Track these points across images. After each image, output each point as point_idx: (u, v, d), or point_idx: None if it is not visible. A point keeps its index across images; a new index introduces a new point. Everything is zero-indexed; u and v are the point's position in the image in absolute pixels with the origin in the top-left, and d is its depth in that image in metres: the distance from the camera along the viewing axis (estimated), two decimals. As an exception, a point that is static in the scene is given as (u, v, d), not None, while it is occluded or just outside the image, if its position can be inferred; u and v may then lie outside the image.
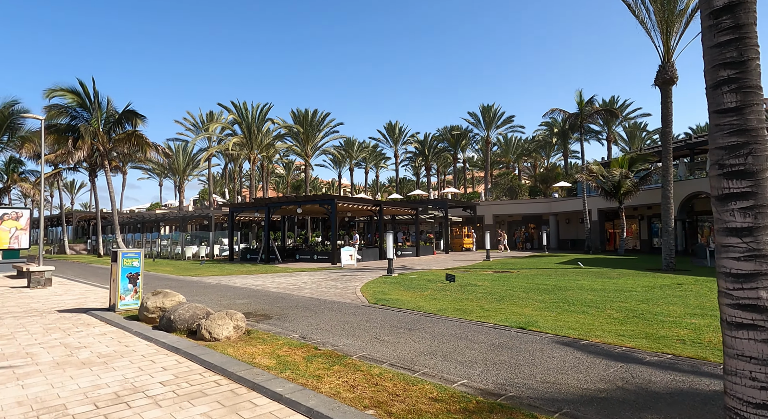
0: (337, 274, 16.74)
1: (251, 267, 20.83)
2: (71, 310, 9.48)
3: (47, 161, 29.31)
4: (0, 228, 19.93)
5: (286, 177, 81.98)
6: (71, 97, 25.78)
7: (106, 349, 6.14)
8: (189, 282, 14.93)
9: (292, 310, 9.05)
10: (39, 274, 13.60)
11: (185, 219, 35.34)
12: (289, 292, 11.90)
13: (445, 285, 12.25)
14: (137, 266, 9.33)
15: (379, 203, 25.92)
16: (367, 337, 6.56)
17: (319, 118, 41.17)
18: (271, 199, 25.55)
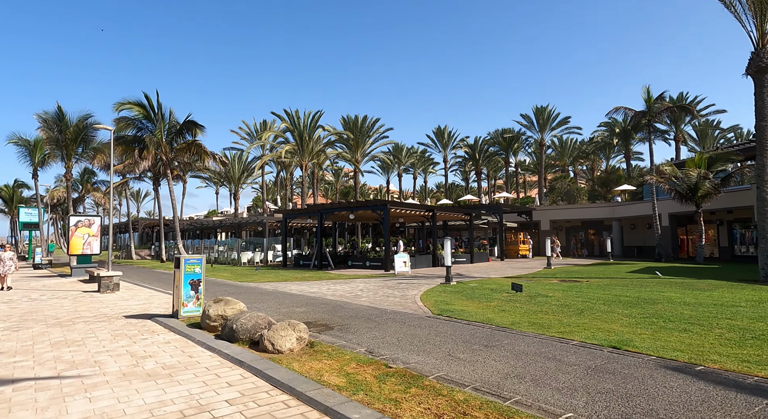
0: (392, 282, 16.26)
1: (305, 274, 20.81)
2: (137, 316, 9.58)
3: (116, 171, 31.09)
4: (75, 235, 21.14)
5: (335, 183, 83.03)
6: (137, 110, 27.20)
7: (171, 360, 5.96)
8: (247, 289, 14.98)
9: (353, 320, 8.63)
10: (108, 279, 14.10)
11: (240, 225, 36.29)
12: (346, 300, 11.54)
13: (511, 295, 11.42)
14: (199, 273, 9.28)
15: (432, 208, 25.28)
16: (439, 354, 5.98)
17: (369, 123, 41.17)
18: (323, 205, 25.59)
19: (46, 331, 8.02)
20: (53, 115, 25.79)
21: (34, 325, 8.64)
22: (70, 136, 25.55)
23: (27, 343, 7.08)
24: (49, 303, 11.74)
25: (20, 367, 5.70)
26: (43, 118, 25.63)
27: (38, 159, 32.99)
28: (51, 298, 12.86)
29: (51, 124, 25.73)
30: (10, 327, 8.44)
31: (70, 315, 9.76)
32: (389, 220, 22.48)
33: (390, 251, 22.44)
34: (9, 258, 15.16)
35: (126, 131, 27.58)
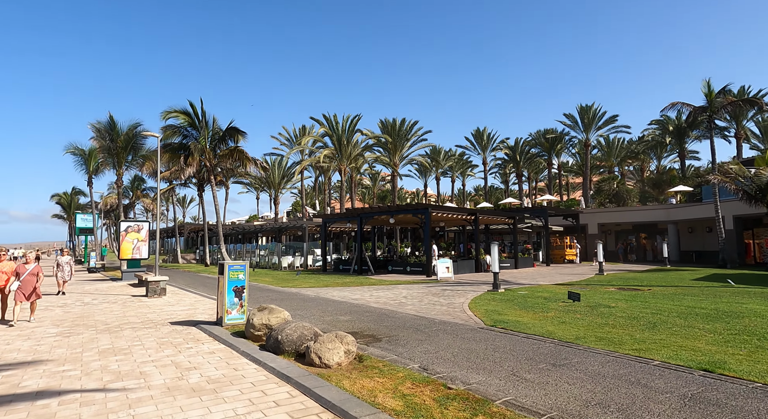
0: (436, 288, 15.68)
1: (345, 279, 20.55)
2: (182, 322, 9.51)
3: (163, 178, 32.13)
4: (125, 239, 21.83)
5: (372, 188, 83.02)
6: (183, 118, 28.00)
7: (215, 373, 5.69)
8: (289, 295, 14.82)
9: (402, 331, 8.16)
10: (155, 284, 14.30)
11: (281, 230, 36.68)
12: (391, 308, 11.08)
13: (568, 305, 10.61)
14: (243, 279, 9.09)
15: (474, 212, 24.49)
16: (502, 373, 5.41)
17: (407, 126, 40.73)
18: (363, 209, 25.33)
19: (95, 338, 8.02)
20: (105, 125, 27.01)
21: (85, 331, 8.69)
22: (121, 144, 26.66)
23: (76, 350, 7.05)
24: (100, 308, 11.95)
25: (68, 377, 5.59)
26: (96, 127, 26.88)
27: (92, 167, 34.64)
28: (102, 303, 13.14)
29: (103, 133, 26.93)
30: (62, 333, 8.52)
31: (118, 321, 9.82)
32: (430, 224, 21.89)
33: (431, 256, 21.83)
34: (66, 262, 15.55)
35: (172, 139, 28.46)
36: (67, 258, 15.86)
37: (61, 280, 15.32)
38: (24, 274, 9.53)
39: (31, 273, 9.62)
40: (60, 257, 15.83)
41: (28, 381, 5.46)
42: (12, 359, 6.59)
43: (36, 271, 9.72)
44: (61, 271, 15.32)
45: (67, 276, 15.38)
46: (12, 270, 9.78)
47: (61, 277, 15.29)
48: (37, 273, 9.74)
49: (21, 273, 9.53)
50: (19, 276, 9.51)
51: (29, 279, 9.56)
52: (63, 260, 15.58)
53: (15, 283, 9.43)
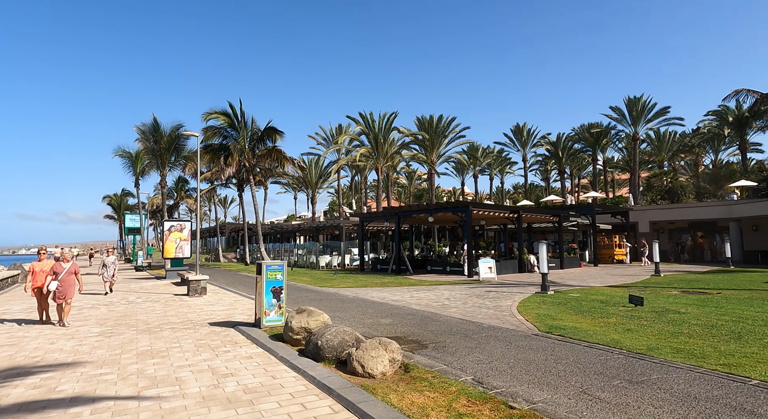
0: (479, 290, 14.95)
1: (384, 279, 20.11)
2: (220, 323, 9.31)
3: (204, 179, 32.84)
4: (168, 239, 22.29)
5: (408, 186, 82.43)
6: (223, 119, 28.45)
7: (252, 381, 5.32)
8: (327, 295, 14.51)
9: (448, 337, 7.58)
10: (196, 283, 14.34)
11: (318, 229, 36.74)
12: (434, 311, 10.51)
13: (630, 309, 9.68)
14: (281, 279, 8.78)
15: (517, 209, 23.45)
16: (570, 390, 4.75)
17: (444, 123, 39.86)
18: (401, 207, 24.82)
19: (135, 338, 7.91)
20: (150, 127, 27.87)
21: (126, 331, 8.63)
22: (164, 145, 27.41)
23: (115, 352, 6.91)
24: (143, 307, 12.02)
25: (104, 382, 5.38)
26: (141, 129, 27.76)
27: (139, 169, 35.90)
28: (145, 302, 13.27)
29: (148, 135, 27.79)
30: (105, 333, 8.49)
31: (159, 321, 9.75)
32: (470, 223, 21.09)
33: (472, 255, 21.03)
34: (111, 262, 15.49)
35: (213, 140, 28.97)
36: (112, 258, 15.78)
37: (107, 280, 15.34)
38: (62, 273, 9.18)
39: (69, 273, 9.30)
40: (106, 257, 15.77)
41: (65, 385, 5.28)
42: (53, 360, 6.51)
43: (74, 270, 9.41)
44: (107, 271, 15.36)
45: (108, 276, 15.33)
46: (51, 268, 9.46)
47: (106, 277, 15.34)
48: (75, 271, 9.45)
49: (58, 273, 9.17)
50: (57, 275, 9.15)
51: (67, 278, 9.23)
52: (108, 260, 15.53)
53: (53, 283, 9.06)
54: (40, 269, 9.52)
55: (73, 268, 9.38)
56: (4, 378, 5.63)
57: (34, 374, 5.78)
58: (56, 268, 9.20)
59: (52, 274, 9.15)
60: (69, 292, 9.19)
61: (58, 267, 9.23)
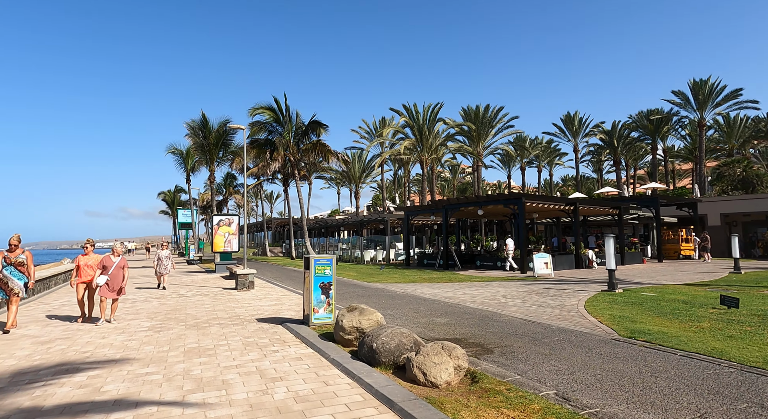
0: (536, 286, 13.95)
1: (432, 274, 19.41)
2: (268, 320, 8.97)
3: (250, 174, 33.30)
4: (217, 233, 22.62)
5: (452, 180, 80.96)
6: (268, 114, 28.62)
7: (303, 387, 4.82)
8: (375, 291, 14.01)
9: (515, 341, 6.81)
10: (244, 277, 14.25)
11: (362, 223, 36.48)
12: (492, 310, 9.72)
13: (723, 312, 8.48)
14: (329, 275, 8.30)
15: (573, 202, 22.00)
16: (686, 414, 3.90)
17: (492, 113, 38.39)
18: (449, 200, 23.97)
19: (183, 334, 7.68)
20: (198, 122, 28.50)
21: (175, 326, 8.46)
22: (212, 140, 27.95)
23: (163, 349, 6.66)
24: (192, 301, 11.98)
25: (149, 383, 5.06)
26: (191, 125, 28.43)
27: (190, 165, 36.97)
28: (195, 295, 13.28)
29: (197, 131, 28.44)
30: (154, 327, 8.35)
31: (207, 316, 9.57)
32: (524, 216, 19.95)
33: (526, 250, 19.90)
34: (166, 256, 14.96)
35: (259, 135, 29.26)
36: (166, 252, 15.29)
37: (162, 273, 14.90)
38: (111, 268, 8.62)
39: (119, 267, 8.75)
40: (160, 251, 15.23)
41: (110, 385, 5.00)
42: (102, 356, 6.33)
43: (123, 264, 8.86)
44: (161, 265, 14.89)
45: (164, 270, 14.87)
46: (97, 262, 8.97)
47: (160, 271, 14.89)
48: (124, 266, 8.87)
49: (108, 267, 8.63)
50: (107, 269, 8.60)
51: (117, 273, 8.67)
52: (163, 254, 15.02)
53: (102, 277, 8.50)
54: (84, 263, 9.02)
55: (122, 263, 8.87)
56: (53, 374, 5.46)
57: (82, 371, 5.58)
58: (105, 262, 8.72)
59: (101, 268, 8.69)
60: (117, 288, 8.72)
61: (108, 261, 8.74)
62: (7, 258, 7.94)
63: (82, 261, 9.04)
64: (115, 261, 8.80)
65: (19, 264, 7.98)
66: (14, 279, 7.91)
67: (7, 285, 7.88)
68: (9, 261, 7.94)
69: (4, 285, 7.89)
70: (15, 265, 7.95)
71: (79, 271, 8.99)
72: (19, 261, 7.98)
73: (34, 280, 8.47)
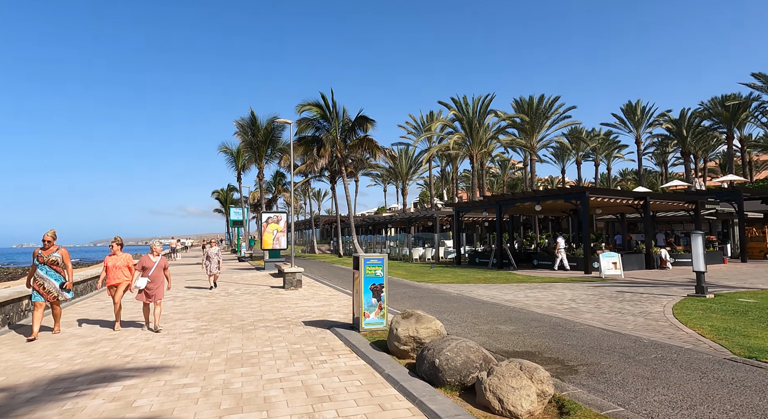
0: (606, 289, 12.55)
1: (486, 274, 18.29)
2: (315, 323, 8.37)
3: (299, 172, 33.36)
4: (266, 230, 22.60)
5: (501, 176, 78.40)
6: (315, 110, 28.44)
7: (355, 411, 4.09)
8: (427, 292, 13.16)
9: (601, 357, 5.75)
10: (291, 276, 13.86)
11: (410, 220, 35.66)
12: (562, 316, 8.61)
13: None
14: (381, 276, 7.56)
15: (644, 196, 20.05)
16: None
17: (546, 103, 36.27)
18: (503, 195, 22.65)
19: (228, 338, 7.21)
20: (247, 120, 28.84)
21: (220, 328, 8.04)
22: (261, 138, 28.17)
23: (205, 354, 6.18)
24: (240, 300, 11.67)
25: (185, 397, 4.52)
26: (240, 123, 28.82)
27: (240, 164, 37.69)
28: (243, 294, 13.02)
29: (246, 129, 28.79)
30: (199, 329, 7.97)
31: (253, 317, 9.12)
32: (588, 211, 18.33)
33: (589, 249, 18.29)
34: (215, 253, 14.15)
35: (306, 132, 29.16)
36: (215, 249, 14.42)
37: (211, 273, 14.05)
38: (152, 269, 7.76)
39: (160, 267, 7.89)
40: (209, 248, 14.43)
41: (144, 399, 4.51)
42: (143, 361, 5.93)
43: (164, 265, 8.00)
44: (210, 263, 14.09)
45: (214, 269, 14.08)
46: (126, 263, 8.19)
47: (211, 270, 14.05)
48: (165, 267, 8.05)
49: (148, 268, 7.77)
50: (147, 271, 7.76)
51: (157, 275, 7.81)
52: (212, 252, 14.20)
53: (141, 280, 7.65)
54: (113, 264, 8.18)
55: (162, 263, 7.99)
56: (89, 383, 5.07)
57: (119, 379, 5.17)
58: (145, 262, 7.84)
59: (141, 270, 7.85)
60: (159, 291, 7.87)
61: (147, 261, 7.85)
62: (39, 257, 7.40)
63: (109, 261, 8.25)
64: (155, 261, 7.93)
65: (52, 262, 7.43)
66: (51, 279, 7.41)
67: (44, 287, 7.35)
68: (42, 259, 7.39)
69: (40, 287, 7.36)
70: (49, 264, 7.42)
71: (108, 273, 8.20)
72: (53, 260, 7.44)
73: (72, 281, 7.80)
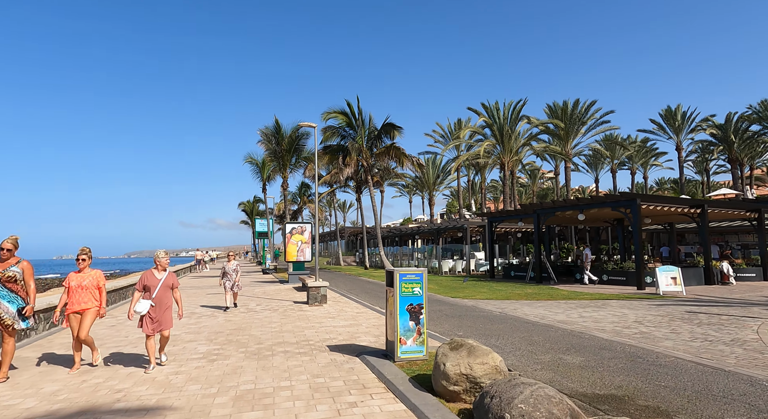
0: (674, 309, 10.94)
1: (526, 289, 16.80)
2: (342, 348, 7.22)
3: (323, 182, 32.60)
4: (290, 241, 21.72)
5: (531, 185, 76.09)
6: (341, 118, 27.70)
7: None
8: (465, 310, 11.83)
9: (718, 408, 4.37)
10: (316, 290, 12.81)
11: (439, 231, 34.30)
12: (636, 344, 7.18)
13: None
14: (420, 294, 6.38)
15: (701, 203, 18.22)
16: None
17: (582, 108, 34.54)
18: (542, 204, 21.14)
19: (240, 367, 6.14)
20: (272, 128, 28.35)
21: (234, 353, 7.00)
22: (285, 146, 27.58)
23: (210, 391, 5.11)
24: (260, 317, 10.66)
25: (172, 460, 3.42)
26: (264, 132, 28.37)
27: (265, 174, 37.30)
28: (264, 310, 12.01)
29: (269, 137, 28.29)
30: (210, 354, 6.95)
31: (273, 339, 8.06)
32: (639, 220, 16.64)
33: (642, 262, 16.57)
34: (233, 269, 12.12)
35: (331, 140, 28.42)
36: (233, 264, 12.35)
37: (229, 291, 12.06)
38: (156, 288, 5.95)
39: (166, 286, 6.09)
40: (226, 264, 12.33)
41: (119, 461, 3.43)
42: (136, 398, 4.90)
43: (173, 283, 6.24)
44: (228, 281, 12.05)
45: (233, 286, 12.05)
46: (96, 282, 6.09)
47: (228, 287, 12.05)
48: (173, 286, 6.24)
49: (151, 288, 5.95)
50: (149, 291, 5.93)
51: (163, 296, 6.02)
52: (229, 267, 12.20)
53: (143, 303, 5.83)
54: (78, 284, 6.01)
55: (170, 281, 6.18)
56: (62, 429, 4.04)
57: (101, 425, 4.13)
58: (147, 280, 6.01)
59: (141, 290, 5.99)
60: (166, 318, 5.99)
61: (150, 279, 6.02)
62: None
63: (73, 280, 6.04)
64: (159, 278, 6.09)
65: (8, 279, 5.56)
66: (3, 302, 5.52)
67: None
68: None
69: None
70: (4, 282, 5.55)
71: (69, 296, 6.00)
72: (9, 276, 5.56)
73: (35, 305, 5.76)
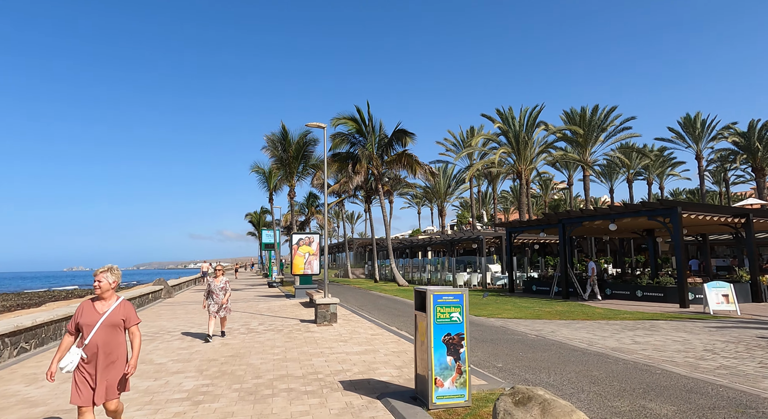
0: (739, 332, 9.41)
1: (555, 306, 15.29)
2: (358, 384, 5.82)
3: (332, 192, 31.38)
4: (297, 253, 20.41)
5: (543, 196, 74.39)
6: (351, 124, 26.58)
7: None
8: (495, 331, 10.38)
9: None
10: (324, 308, 11.44)
11: (453, 243, 32.82)
12: (730, 385, 5.71)
13: None
14: (460, 321, 5.02)
15: (746, 212, 16.68)
16: None
17: (601, 114, 33.15)
18: (569, 212, 19.67)
19: (231, 414, 4.78)
20: (278, 135, 27.30)
21: (225, 391, 5.64)
22: (292, 153, 26.49)
23: (184, 456, 3.74)
24: (261, 340, 9.29)
25: None
26: (270, 138, 27.30)
27: (272, 184, 36.21)
28: (266, 330, 10.66)
29: (276, 144, 27.24)
30: (196, 392, 5.60)
31: (274, 370, 6.69)
32: (680, 231, 15.12)
33: (686, 277, 14.98)
34: (220, 288, 9.43)
35: (340, 148, 27.30)
36: (221, 281, 9.55)
37: (214, 315, 9.34)
38: (95, 326, 3.58)
39: (114, 325, 3.66)
40: (212, 280, 9.56)
41: None
42: (81, 468, 3.53)
43: (127, 316, 3.76)
44: (212, 302, 9.38)
45: (220, 310, 9.41)
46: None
47: (212, 310, 9.33)
48: (128, 318, 3.76)
49: (87, 327, 3.58)
50: (86, 331, 3.58)
51: (107, 340, 3.61)
52: (216, 285, 9.46)
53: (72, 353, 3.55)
54: None
55: (121, 313, 3.72)
56: None
57: None
58: (84, 316, 3.63)
59: (73, 332, 3.67)
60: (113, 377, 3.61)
61: (87, 313, 3.65)
62: None
63: None
64: (102, 311, 3.68)
65: None
66: None
67: None
68: None
69: None
70: None
71: None
72: None
73: None
